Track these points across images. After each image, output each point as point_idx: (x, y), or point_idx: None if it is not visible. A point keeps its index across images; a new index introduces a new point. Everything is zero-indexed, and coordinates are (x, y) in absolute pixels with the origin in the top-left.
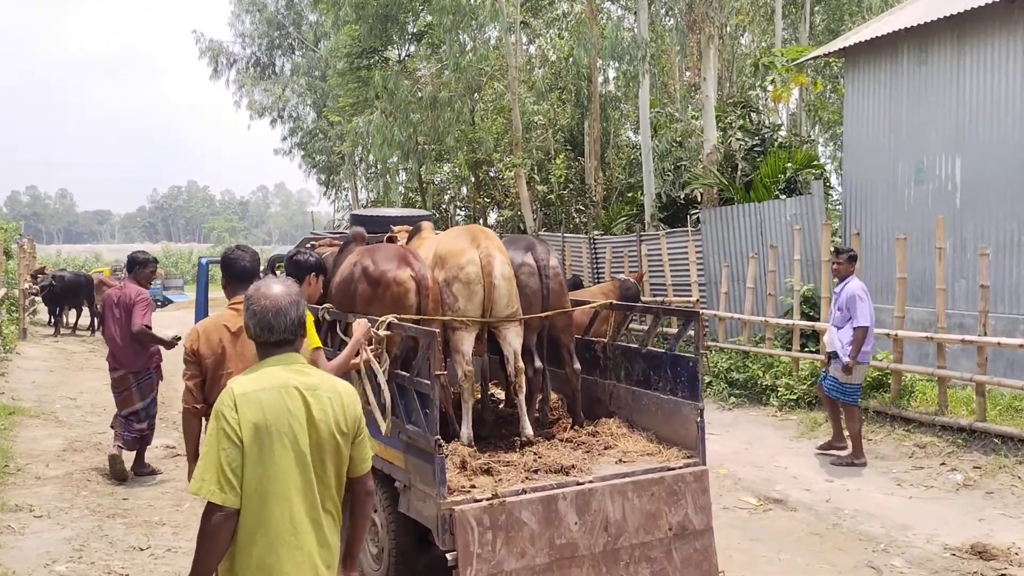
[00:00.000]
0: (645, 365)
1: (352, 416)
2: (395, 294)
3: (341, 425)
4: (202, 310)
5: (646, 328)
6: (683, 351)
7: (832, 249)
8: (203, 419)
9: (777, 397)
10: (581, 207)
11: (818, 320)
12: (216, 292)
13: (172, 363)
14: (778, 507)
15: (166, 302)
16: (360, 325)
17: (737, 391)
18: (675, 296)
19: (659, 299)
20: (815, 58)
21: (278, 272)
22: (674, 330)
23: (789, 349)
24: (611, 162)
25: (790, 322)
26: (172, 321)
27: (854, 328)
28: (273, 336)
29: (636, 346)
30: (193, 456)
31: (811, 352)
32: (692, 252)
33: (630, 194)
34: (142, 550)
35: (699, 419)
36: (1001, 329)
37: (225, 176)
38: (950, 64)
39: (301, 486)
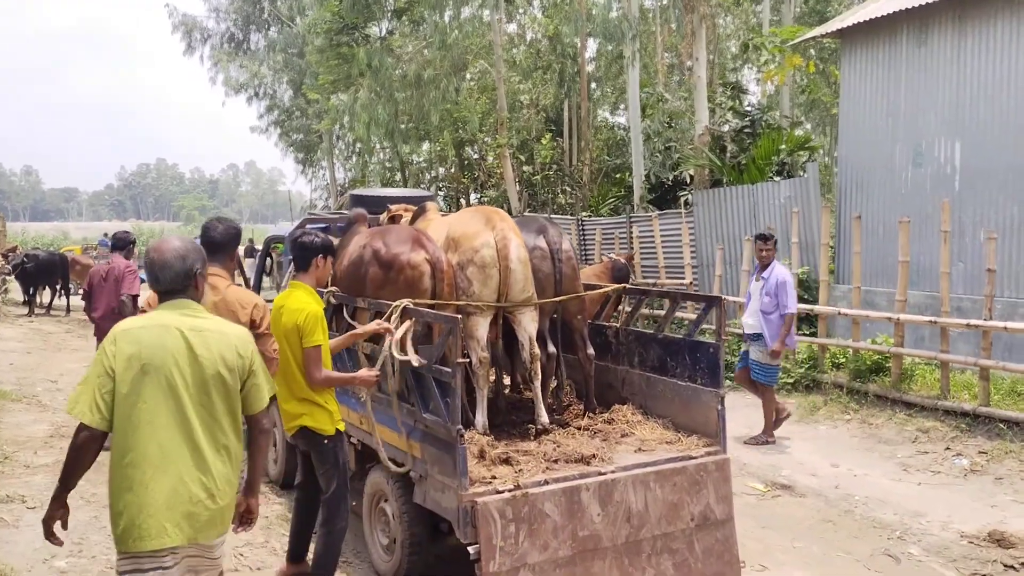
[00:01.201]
0: (661, 351)
1: (238, 356)
2: (409, 278)
3: (227, 363)
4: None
5: (630, 310)
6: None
7: (760, 234)
8: None
9: None
10: (567, 188)
11: (816, 303)
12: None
13: None
14: (786, 493)
15: None
16: (366, 373)
17: (732, 375)
18: (667, 278)
19: (651, 281)
20: (810, 39)
21: (274, 254)
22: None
23: None
24: (590, 143)
25: None
26: (142, 300)
27: (783, 315)
28: (160, 286)
29: (651, 331)
30: None
31: (808, 336)
32: (686, 234)
33: (617, 175)
34: None
35: (720, 407)
36: (1000, 313)
37: (194, 154)
38: (951, 45)
39: (174, 416)
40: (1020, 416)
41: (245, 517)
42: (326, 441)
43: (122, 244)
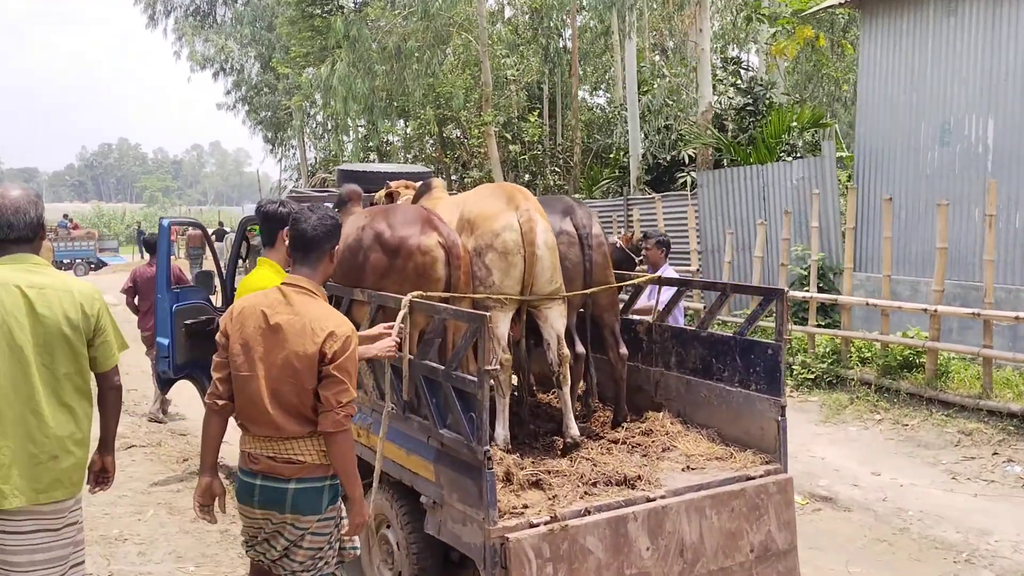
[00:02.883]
0: (705, 350)
1: (83, 314)
2: (419, 265)
3: (71, 321)
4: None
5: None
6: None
7: (643, 233)
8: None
9: (792, 376)
10: (556, 169)
11: (835, 292)
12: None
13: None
14: (828, 506)
15: (100, 264)
16: (383, 342)
17: None
18: (671, 265)
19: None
20: (825, 9)
21: (250, 236)
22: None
23: (804, 324)
24: (578, 121)
25: (807, 295)
26: (108, 284)
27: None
28: (13, 232)
29: (693, 328)
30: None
31: (826, 327)
32: (692, 218)
33: (609, 155)
34: None
35: (780, 418)
36: None
37: (157, 134)
38: (983, 14)
39: (14, 377)
40: None
41: (100, 477)
42: None
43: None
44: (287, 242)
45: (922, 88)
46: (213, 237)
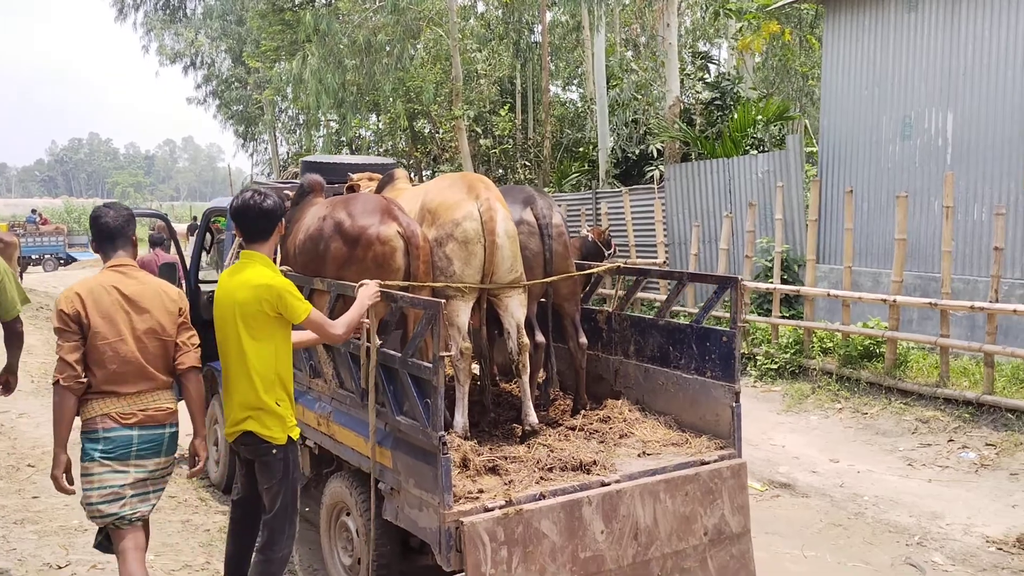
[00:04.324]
0: (662, 338)
1: None
2: (379, 254)
3: None
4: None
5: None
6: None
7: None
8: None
9: (756, 367)
10: (527, 163)
11: (799, 284)
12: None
13: None
14: (786, 492)
15: (70, 260)
16: (366, 288)
17: None
18: (639, 257)
19: (622, 261)
20: (790, 3)
21: (214, 228)
22: (645, 295)
23: (768, 315)
24: (549, 116)
25: (771, 286)
26: (77, 280)
27: None
28: None
29: (651, 317)
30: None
31: (790, 319)
32: (658, 211)
33: (579, 149)
34: (60, 568)
35: (734, 404)
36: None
37: (129, 129)
38: (943, 10)
39: None
40: None
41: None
42: (275, 451)
43: (157, 240)
44: (281, 232)
45: (884, 83)
46: (187, 232)
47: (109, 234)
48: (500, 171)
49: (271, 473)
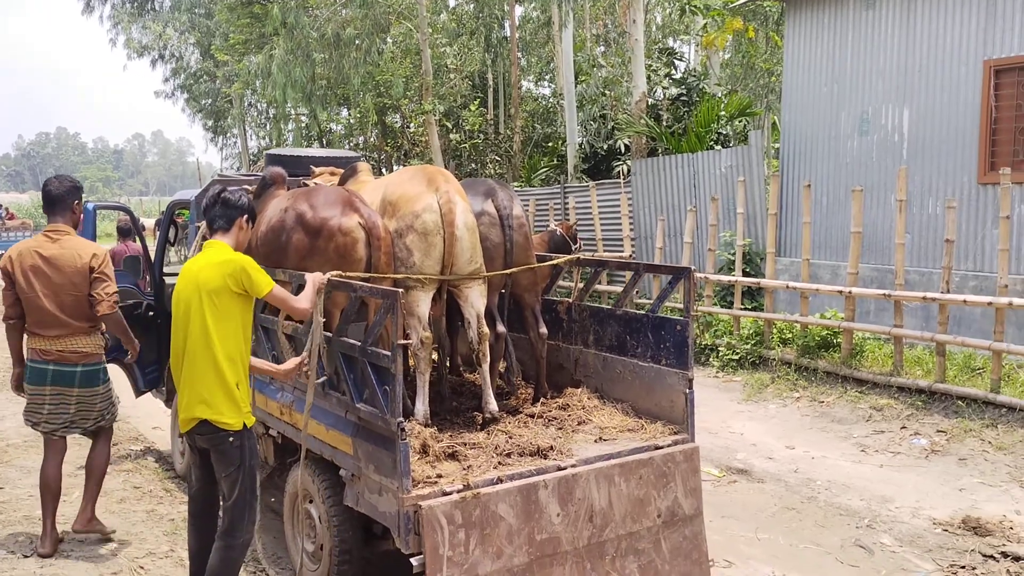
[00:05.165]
0: (620, 328)
1: None
2: (340, 245)
3: None
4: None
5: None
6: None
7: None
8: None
9: (718, 357)
10: (497, 157)
11: (760, 276)
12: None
13: None
14: (743, 478)
15: None
16: (313, 277)
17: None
18: (605, 251)
19: (589, 254)
20: (753, 1)
21: (178, 220)
22: (614, 288)
23: (730, 307)
24: (518, 111)
25: (732, 279)
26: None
27: None
28: None
29: (609, 307)
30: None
31: (752, 310)
32: (624, 205)
33: (549, 144)
34: (26, 557)
35: (688, 390)
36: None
37: (98, 123)
38: (899, 8)
39: None
40: (978, 393)
41: None
42: (231, 439)
43: (126, 231)
44: (243, 228)
45: (842, 79)
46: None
47: (50, 201)
48: (471, 166)
49: (228, 461)
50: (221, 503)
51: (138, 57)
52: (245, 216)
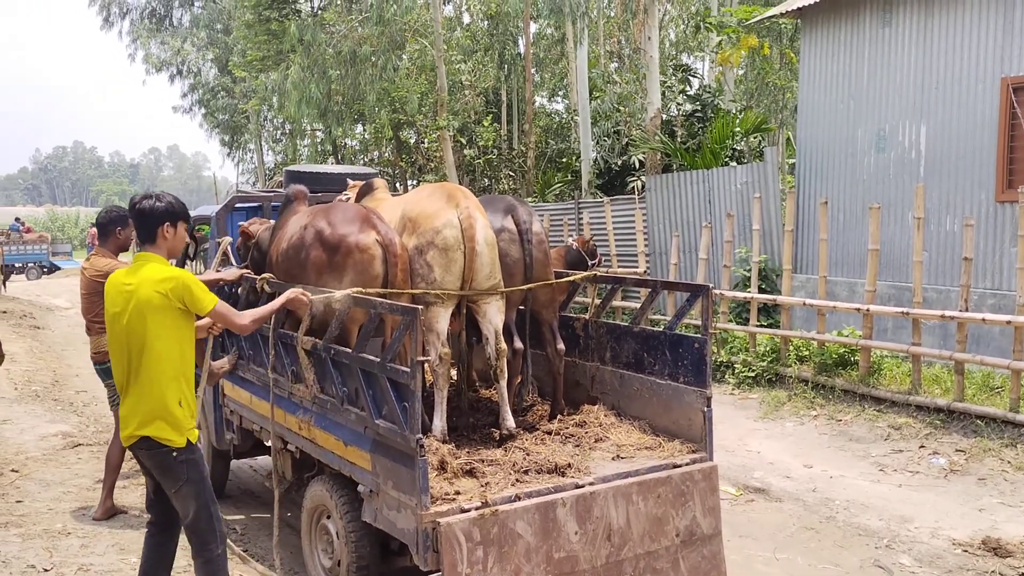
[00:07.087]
0: (637, 345)
1: None
2: (358, 262)
3: None
4: None
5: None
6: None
7: None
8: None
9: (734, 374)
10: (511, 173)
11: (776, 293)
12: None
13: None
14: (760, 497)
15: (53, 268)
16: (288, 292)
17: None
18: (620, 267)
19: (604, 270)
20: (768, 19)
21: (197, 235)
22: (628, 304)
23: (746, 324)
24: (532, 127)
25: (748, 295)
26: (60, 288)
27: None
28: None
29: (626, 324)
30: None
31: (768, 327)
32: (639, 221)
33: (563, 160)
34: (46, 571)
35: (706, 408)
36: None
37: (114, 137)
38: (916, 26)
39: None
40: (997, 412)
41: None
42: (175, 454)
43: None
44: (168, 237)
45: (859, 96)
46: None
47: (99, 229)
48: (485, 181)
49: (174, 476)
50: (182, 522)
51: (156, 72)
52: (166, 223)
